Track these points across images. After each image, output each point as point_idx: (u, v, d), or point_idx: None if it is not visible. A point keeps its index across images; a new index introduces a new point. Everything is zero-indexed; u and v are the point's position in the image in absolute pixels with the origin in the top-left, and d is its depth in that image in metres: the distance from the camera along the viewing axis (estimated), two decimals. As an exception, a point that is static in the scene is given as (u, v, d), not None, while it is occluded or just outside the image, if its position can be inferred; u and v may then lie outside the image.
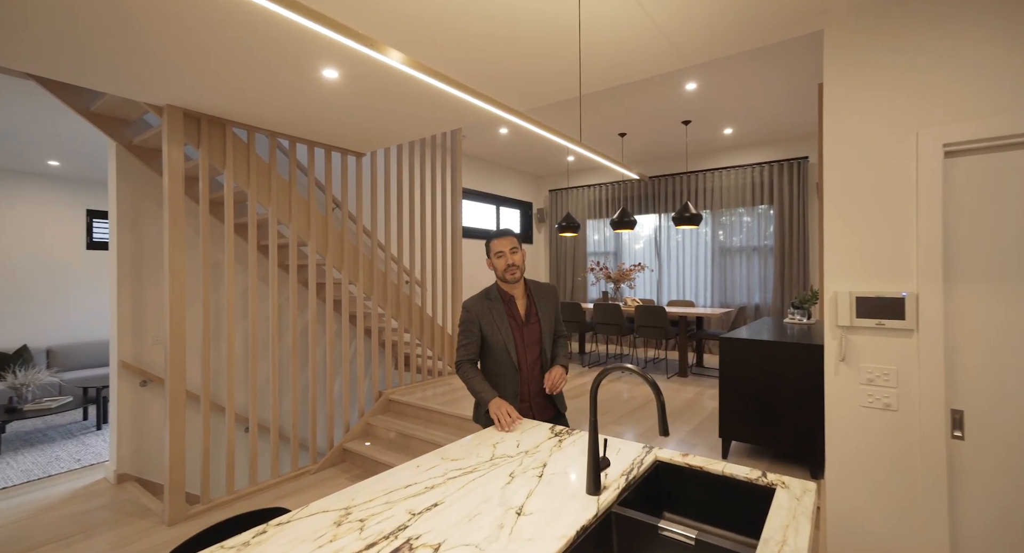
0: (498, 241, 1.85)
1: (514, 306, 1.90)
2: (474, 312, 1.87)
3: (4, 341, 5.34)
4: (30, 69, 2.20)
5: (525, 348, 1.90)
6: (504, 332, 1.85)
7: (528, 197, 7.66)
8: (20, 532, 2.64)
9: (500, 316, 1.86)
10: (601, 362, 5.52)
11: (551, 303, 1.97)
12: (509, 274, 1.83)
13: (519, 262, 1.85)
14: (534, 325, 1.92)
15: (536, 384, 1.91)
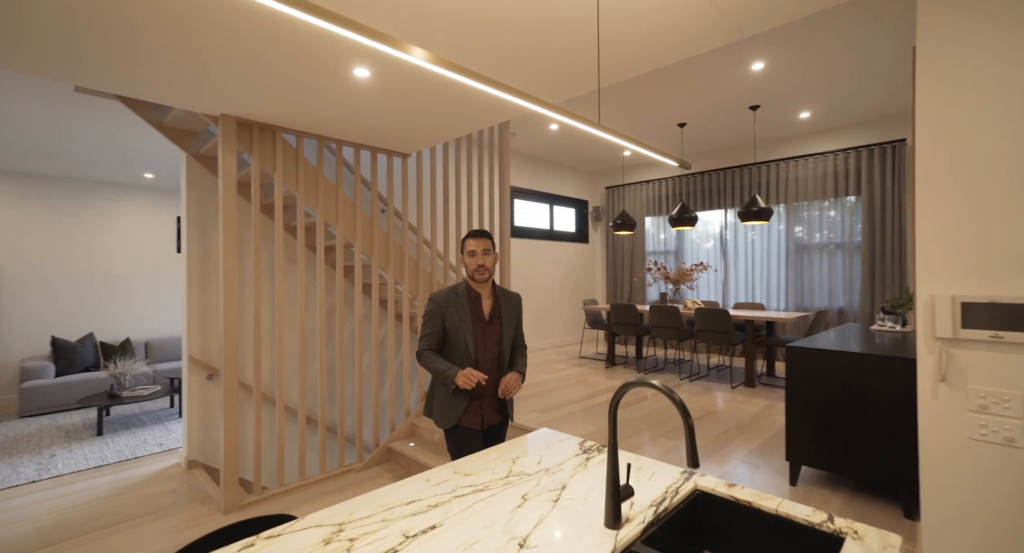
0: (473, 240, 1.89)
1: (479, 304, 1.94)
2: (439, 304, 1.91)
3: (111, 334, 6.05)
4: (112, 89, 2.40)
5: (485, 347, 1.93)
6: (466, 327, 1.89)
7: (583, 195, 7.43)
8: (102, 509, 2.91)
9: (464, 311, 1.90)
10: (658, 367, 5.19)
11: (515, 310, 2.02)
12: (478, 274, 1.88)
13: (489, 265, 1.90)
14: (496, 326, 1.96)
15: (490, 385, 1.95)
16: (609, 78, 2.39)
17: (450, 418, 1.91)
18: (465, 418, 1.92)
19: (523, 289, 6.26)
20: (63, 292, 5.73)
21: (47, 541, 2.58)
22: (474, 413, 1.93)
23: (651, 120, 4.97)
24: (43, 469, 3.55)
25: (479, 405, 1.93)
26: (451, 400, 1.90)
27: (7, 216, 5.39)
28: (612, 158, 6.72)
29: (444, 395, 1.93)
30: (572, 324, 7.05)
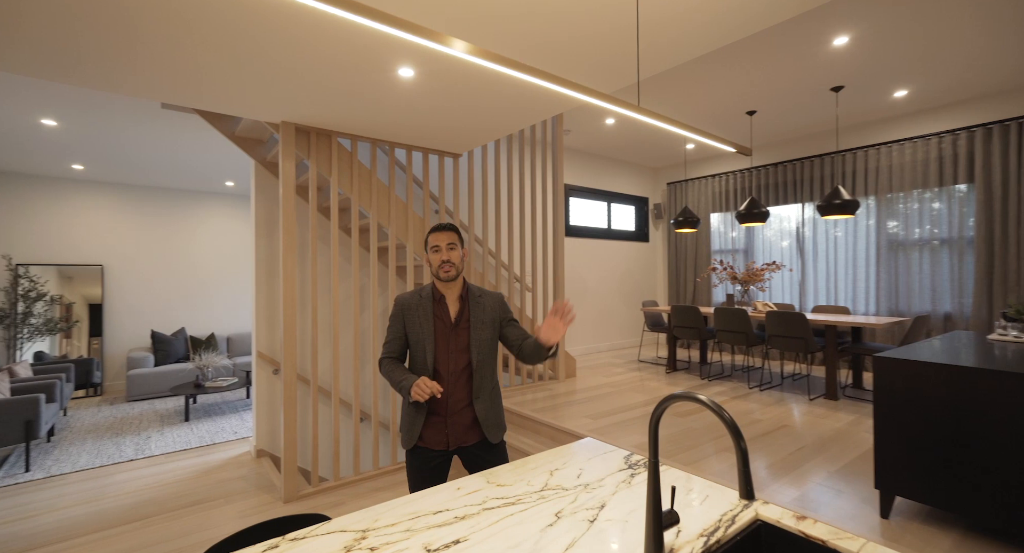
0: (436, 234, 1.68)
1: (444, 306, 1.71)
2: (401, 307, 1.73)
3: (200, 329, 6.66)
4: (191, 104, 2.60)
5: (448, 354, 1.68)
6: (427, 331, 1.67)
7: (643, 192, 7.12)
8: (183, 490, 3.16)
9: (426, 314, 1.69)
10: (724, 374, 4.82)
11: (492, 313, 1.74)
12: (443, 271, 1.67)
13: (456, 260, 1.68)
14: (463, 331, 1.70)
15: (458, 400, 1.68)
16: (660, 62, 2.21)
17: (410, 436, 1.67)
18: (427, 436, 1.66)
19: (579, 290, 6.10)
20: (160, 290, 6.39)
21: (137, 515, 2.84)
22: (437, 431, 1.65)
23: (715, 109, 4.63)
24: (140, 449, 3.95)
25: (443, 422, 1.66)
26: (412, 415, 1.67)
27: (113, 223, 6.10)
28: (673, 152, 6.37)
29: (406, 409, 1.70)
30: (630, 326, 6.77)
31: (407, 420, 1.69)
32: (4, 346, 5.39)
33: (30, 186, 5.61)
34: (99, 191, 6.01)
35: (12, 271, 5.47)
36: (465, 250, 1.74)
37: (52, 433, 4.31)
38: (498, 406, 1.76)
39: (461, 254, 1.70)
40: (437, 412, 1.67)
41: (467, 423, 1.68)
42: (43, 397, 3.59)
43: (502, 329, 1.76)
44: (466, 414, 1.69)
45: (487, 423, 1.70)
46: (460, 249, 1.70)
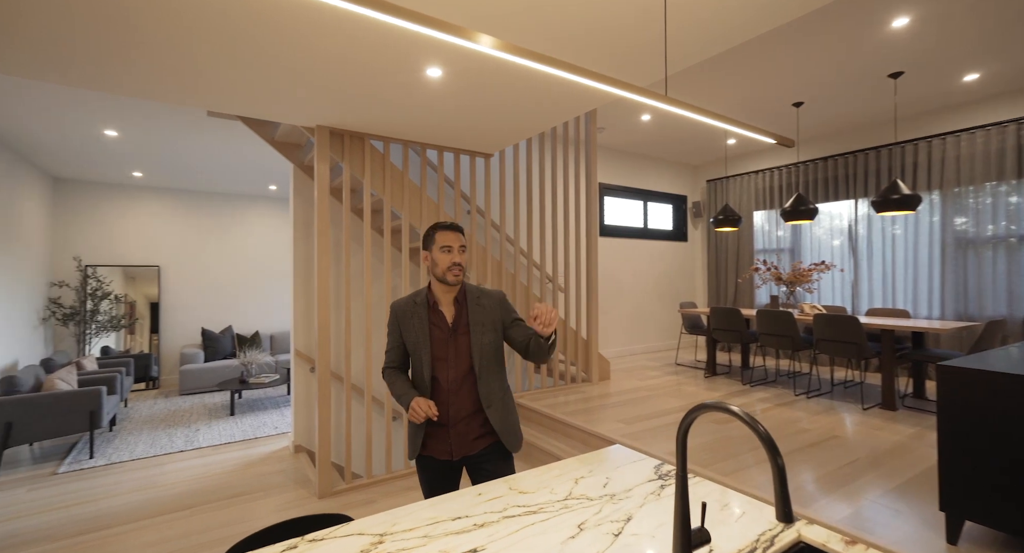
0: (447, 233, 1.58)
1: (439, 313, 1.62)
2: (396, 314, 1.65)
3: (245, 327, 6.98)
4: (235, 111, 2.72)
5: (448, 363, 1.59)
6: (423, 341, 1.59)
7: (682, 190, 6.89)
8: (226, 481, 3.30)
9: (421, 321, 1.60)
10: (768, 379, 4.58)
11: (493, 312, 1.64)
12: (452, 274, 1.57)
13: (465, 263, 1.62)
14: (463, 336, 1.60)
15: (461, 408, 1.58)
16: (692, 52, 2.11)
17: (414, 446, 1.62)
18: (431, 446, 1.60)
19: (613, 290, 5.96)
20: (209, 289, 6.74)
21: (185, 504, 2.98)
22: (440, 441, 1.59)
23: (758, 102, 4.40)
24: (189, 441, 4.16)
25: (446, 432, 1.58)
26: (414, 425, 1.63)
27: (168, 226, 6.49)
28: (713, 149, 6.13)
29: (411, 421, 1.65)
30: (668, 328, 6.56)
31: (411, 429, 1.64)
32: (75, 341, 5.83)
33: (96, 193, 6.05)
34: (156, 196, 6.41)
35: (82, 272, 5.91)
36: (481, 249, 1.75)
37: (114, 423, 4.62)
38: (513, 413, 1.67)
39: (466, 257, 1.70)
40: (439, 422, 1.59)
41: (474, 432, 1.59)
42: (105, 389, 3.84)
43: (506, 330, 1.66)
44: (472, 423, 1.59)
45: (504, 432, 1.61)
46: (466, 253, 1.71)
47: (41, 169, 5.35)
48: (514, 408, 1.68)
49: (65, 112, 3.67)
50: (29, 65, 2.11)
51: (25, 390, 3.72)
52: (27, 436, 3.60)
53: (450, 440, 1.58)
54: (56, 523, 2.79)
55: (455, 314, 1.62)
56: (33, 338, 5.10)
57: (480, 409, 1.60)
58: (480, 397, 1.59)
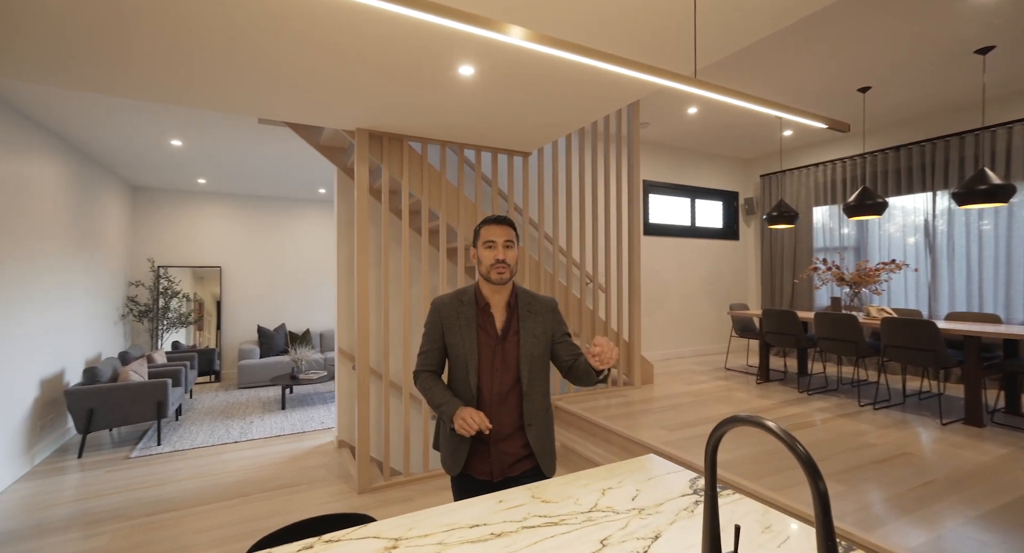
0: (492, 227, 1.44)
1: (489, 315, 1.48)
2: (439, 312, 1.49)
3: (297, 325, 7.33)
4: (282, 117, 2.84)
5: (493, 373, 1.44)
6: (468, 345, 1.44)
7: (733, 186, 6.55)
8: (274, 473, 3.45)
9: (468, 323, 1.46)
10: (829, 388, 4.24)
11: (544, 321, 1.50)
12: (496, 272, 1.42)
13: (512, 261, 1.44)
14: (511, 344, 1.45)
15: (505, 426, 1.45)
16: (735, 37, 1.96)
17: (455, 463, 1.47)
18: (471, 465, 1.46)
19: (659, 291, 5.75)
20: (265, 288, 7.13)
21: (237, 493, 3.14)
22: (481, 459, 1.45)
23: (819, 88, 4.08)
24: (244, 433, 4.40)
25: (487, 451, 1.45)
26: (455, 442, 1.47)
27: (228, 229, 6.92)
28: (767, 141, 5.76)
29: (447, 434, 1.49)
30: (717, 331, 6.24)
31: (449, 445, 1.49)
32: (148, 336, 6.35)
33: (167, 199, 6.55)
34: (218, 201, 6.86)
35: (154, 272, 6.42)
36: (520, 249, 1.59)
37: (180, 413, 4.97)
38: (551, 433, 1.54)
39: (516, 254, 1.47)
40: (481, 439, 1.46)
41: (516, 452, 1.46)
42: (170, 381, 4.14)
43: (553, 344, 1.52)
44: (514, 442, 1.46)
45: (542, 453, 1.47)
46: (516, 248, 1.47)
47: (122, 179, 5.86)
48: (552, 428, 1.56)
49: (137, 125, 3.98)
50: (105, 82, 2.29)
51: (103, 381, 4.07)
52: (106, 422, 3.93)
53: (491, 459, 1.45)
54: (126, 504, 3.02)
55: (506, 319, 1.48)
56: (114, 333, 5.59)
57: (522, 426, 1.47)
58: (523, 413, 1.47)
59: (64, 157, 4.32)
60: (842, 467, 2.50)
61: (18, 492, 3.27)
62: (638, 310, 4.15)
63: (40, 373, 3.87)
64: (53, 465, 3.74)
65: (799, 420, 3.30)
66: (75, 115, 3.72)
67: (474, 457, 1.47)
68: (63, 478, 3.48)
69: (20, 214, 3.60)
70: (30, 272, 3.74)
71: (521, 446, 1.47)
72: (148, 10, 1.72)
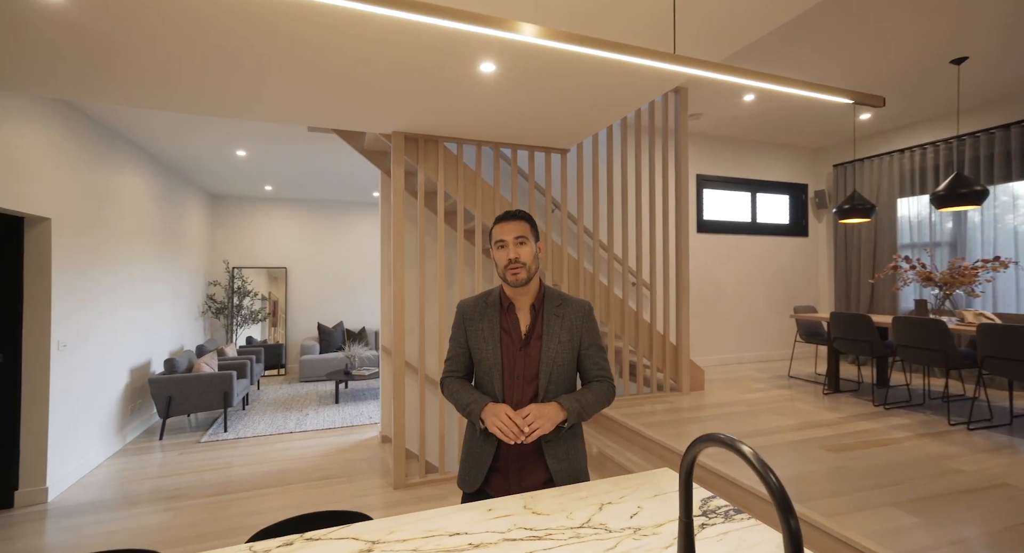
0: (502, 226, 1.32)
1: (512, 317, 1.36)
2: (463, 315, 1.40)
3: (353, 323, 7.69)
4: (329, 125, 2.98)
5: (514, 380, 1.31)
6: (491, 350, 1.33)
7: (800, 178, 6.01)
8: (320, 464, 3.62)
9: (492, 327, 1.35)
10: (913, 402, 3.74)
11: (573, 326, 1.35)
12: (511, 273, 1.30)
13: (527, 259, 1.30)
14: (534, 350, 1.32)
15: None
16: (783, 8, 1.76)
17: (473, 478, 1.33)
18: (491, 482, 1.33)
19: (713, 292, 5.40)
20: (325, 288, 7.55)
21: (284, 481, 3.33)
22: (500, 476, 1.32)
23: (901, 61, 3.62)
24: (299, 424, 4.67)
25: (507, 467, 1.32)
26: (478, 451, 1.34)
27: (292, 232, 7.40)
28: (839, 127, 5.21)
29: (471, 442, 1.37)
30: (781, 336, 5.75)
31: (471, 457, 1.35)
32: (224, 331, 6.94)
33: (240, 205, 7.14)
34: (283, 206, 7.36)
35: (229, 273, 7.02)
36: (540, 246, 1.37)
37: (247, 402, 5.38)
38: (578, 454, 1.35)
39: (534, 251, 1.33)
40: (502, 454, 1.33)
41: (536, 472, 1.31)
42: (235, 374, 4.48)
43: (580, 353, 1.37)
44: (536, 460, 1.32)
45: (561, 475, 1.30)
46: (533, 244, 1.32)
47: (202, 188, 6.46)
48: (582, 448, 1.38)
49: (207, 138, 4.36)
50: (179, 101, 2.52)
51: (180, 371, 4.49)
52: (182, 408, 4.34)
53: (509, 477, 1.32)
54: (191, 484, 3.30)
55: (531, 321, 1.35)
56: (194, 328, 6.16)
57: (541, 444, 1.32)
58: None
59: (152, 170, 4.83)
60: (918, 495, 2.18)
61: (112, 466, 3.68)
62: (686, 311, 3.90)
63: (131, 362, 4.34)
64: (140, 445, 4.17)
65: (870, 437, 2.94)
66: (158, 132, 4.14)
67: (493, 472, 1.34)
68: (146, 457, 3.88)
69: (116, 221, 4.06)
70: (124, 272, 4.20)
71: (543, 466, 1.32)
72: (222, 43, 1.86)
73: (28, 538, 2.67)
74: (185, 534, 2.64)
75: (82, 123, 3.59)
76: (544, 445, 1.32)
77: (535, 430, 1.22)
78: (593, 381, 1.38)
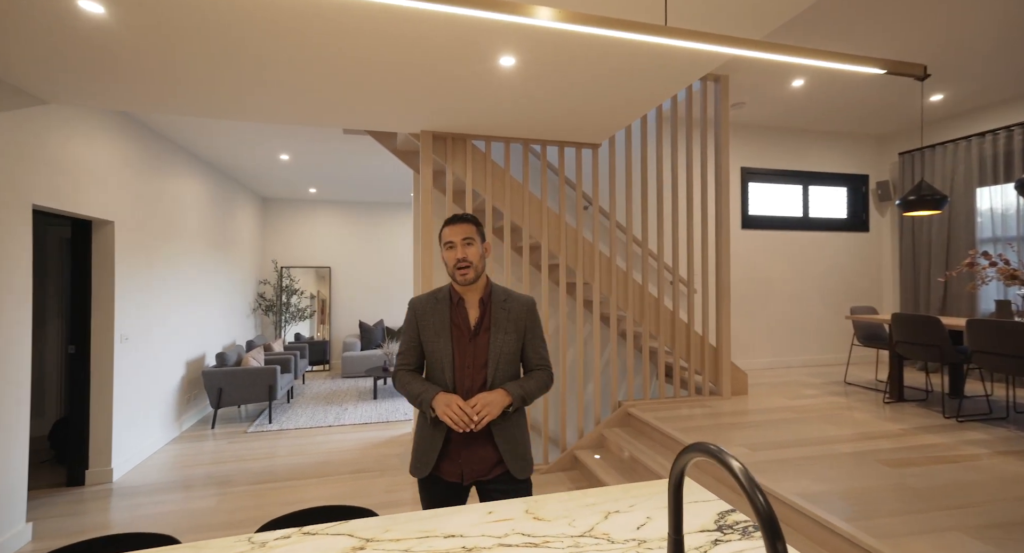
0: (449, 228, 1.45)
1: (462, 311, 1.48)
2: (415, 311, 1.51)
3: (393, 321, 7.87)
4: (361, 126, 3.05)
5: (464, 369, 1.42)
6: (443, 342, 1.44)
7: (861, 168, 5.57)
8: (354, 457, 3.71)
9: (442, 321, 1.46)
10: (993, 415, 3.35)
11: (517, 320, 1.48)
12: (459, 273, 1.42)
13: (475, 259, 1.43)
14: (483, 341, 1.44)
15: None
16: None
17: (424, 464, 1.42)
18: (442, 467, 1.41)
19: (760, 291, 5.09)
20: (366, 286, 7.78)
21: (319, 473, 3.43)
22: (451, 461, 1.40)
23: (983, 31, 3.25)
24: (337, 418, 4.82)
25: (457, 452, 1.40)
26: (428, 438, 1.42)
27: (336, 232, 7.67)
28: (906, 110, 4.76)
29: (422, 430, 1.46)
30: (835, 338, 5.33)
31: (422, 444, 1.45)
32: (273, 328, 7.30)
33: (288, 207, 7.48)
34: (327, 207, 7.65)
35: (278, 272, 7.38)
36: (487, 245, 1.51)
37: (291, 396, 5.62)
38: (523, 434, 1.48)
39: (481, 251, 1.46)
40: (452, 439, 1.42)
41: (484, 454, 1.41)
42: (279, 368, 4.69)
43: (524, 343, 1.50)
44: (484, 442, 1.42)
45: (510, 456, 1.42)
46: (479, 245, 1.45)
47: (253, 191, 6.82)
48: (525, 429, 1.51)
49: (252, 144, 4.59)
50: (222, 108, 2.66)
51: (229, 365, 4.76)
52: (231, 400, 4.59)
53: (460, 460, 1.41)
54: (235, 472, 3.47)
55: (479, 316, 1.47)
56: (246, 324, 6.52)
57: (489, 427, 1.42)
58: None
59: (206, 175, 5.15)
60: (992, 520, 1.94)
61: (169, 452, 3.95)
62: (727, 311, 3.69)
63: (187, 355, 4.64)
64: (194, 433, 4.45)
65: (938, 452, 2.65)
66: (208, 139, 4.40)
67: (443, 458, 1.42)
68: (199, 444, 4.13)
69: (174, 223, 4.36)
70: (181, 271, 4.50)
71: (491, 448, 1.43)
72: (262, 53, 1.94)
73: (95, 514, 2.90)
74: (227, 519, 2.77)
75: (141, 133, 3.87)
76: (493, 430, 1.42)
77: (484, 417, 1.34)
78: (535, 369, 1.51)
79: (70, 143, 3.01)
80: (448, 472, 1.42)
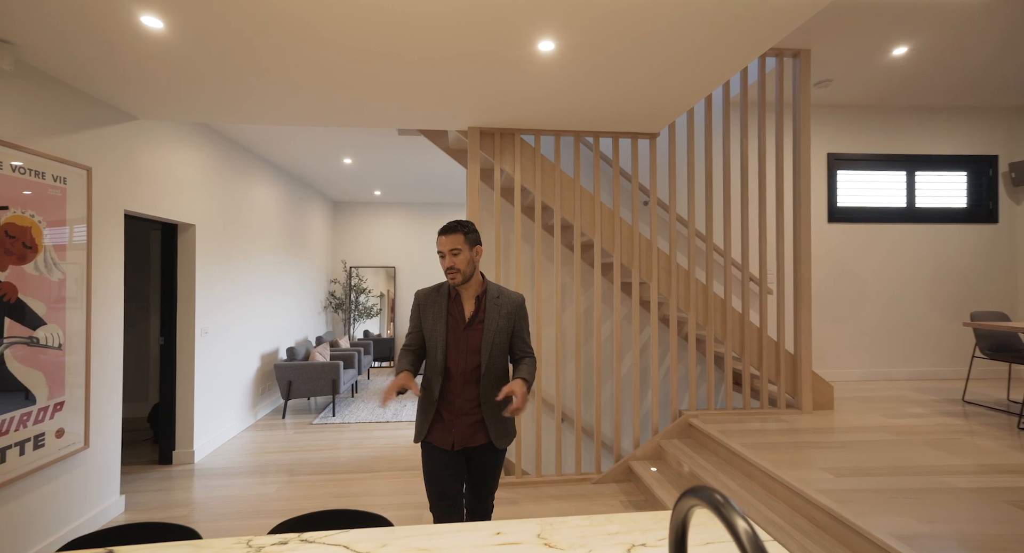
0: (440, 239, 1.69)
1: (459, 304, 1.73)
2: (419, 301, 1.77)
3: (455, 321, 7.98)
4: (414, 126, 3.09)
5: (458, 354, 1.68)
6: (439, 329, 1.69)
7: (985, 148, 4.74)
8: (404, 454, 3.76)
9: (440, 311, 1.71)
10: None
11: (508, 315, 1.74)
12: (450, 277, 1.68)
13: (462, 265, 1.66)
14: (476, 331, 1.69)
15: (465, 402, 1.68)
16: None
17: (419, 430, 1.73)
18: (433, 434, 1.69)
19: (852, 292, 4.47)
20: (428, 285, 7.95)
21: (371, 468, 3.51)
22: (443, 431, 1.68)
23: None
24: (395, 414, 4.94)
25: (449, 423, 1.68)
26: (422, 410, 1.72)
27: (399, 233, 7.93)
28: (1047, 76, 3.94)
29: (419, 402, 1.76)
30: (954, 349, 4.56)
31: (420, 414, 1.73)
32: (343, 325, 7.70)
33: (356, 209, 7.86)
34: (391, 209, 7.93)
35: (347, 272, 7.77)
36: (477, 250, 1.70)
37: (355, 390, 5.87)
38: (511, 421, 1.77)
39: (469, 257, 1.67)
40: (444, 411, 1.69)
41: (473, 425, 1.68)
42: (342, 364, 4.90)
43: (512, 336, 1.75)
44: (473, 416, 1.69)
45: (495, 429, 1.69)
46: (468, 251, 1.67)
47: (324, 195, 7.24)
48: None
49: (318, 150, 4.83)
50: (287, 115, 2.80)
51: (299, 359, 5.05)
52: (299, 392, 4.86)
53: (452, 430, 1.67)
54: (296, 461, 3.65)
55: (474, 310, 1.71)
56: (317, 321, 6.93)
57: (479, 404, 1.68)
58: (480, 393, 1.69)
59: (280, 180, 5.52)
60: None
61: (244, 438, 4.26)
62: (807, 315, 3.27)
63: (262, 349, 5.00)
64: (267, 422, 4.77)
65: None
66: (278, 145, 4.70)
67: (437, 427, 1.69)
68: (270, 433, 4.41)
69: (250, 226, 4.71)
70: (257, 270, 4.86)
71: (478, 421, 1.69)
72: (321, 58, 2.01)
73: (180, 491, 3.17)
74: (284, 507, 2.90)
75: (219, 142, 4.20)
76: (482, 404, 1.68)
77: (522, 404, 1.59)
78: (522, 357, 1.77)
79: (156, 153, 3.32)
80: (441, 440, 1.68)
